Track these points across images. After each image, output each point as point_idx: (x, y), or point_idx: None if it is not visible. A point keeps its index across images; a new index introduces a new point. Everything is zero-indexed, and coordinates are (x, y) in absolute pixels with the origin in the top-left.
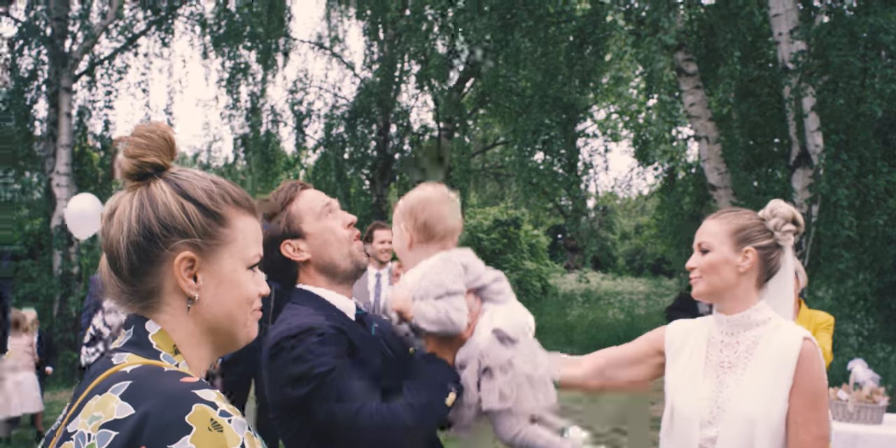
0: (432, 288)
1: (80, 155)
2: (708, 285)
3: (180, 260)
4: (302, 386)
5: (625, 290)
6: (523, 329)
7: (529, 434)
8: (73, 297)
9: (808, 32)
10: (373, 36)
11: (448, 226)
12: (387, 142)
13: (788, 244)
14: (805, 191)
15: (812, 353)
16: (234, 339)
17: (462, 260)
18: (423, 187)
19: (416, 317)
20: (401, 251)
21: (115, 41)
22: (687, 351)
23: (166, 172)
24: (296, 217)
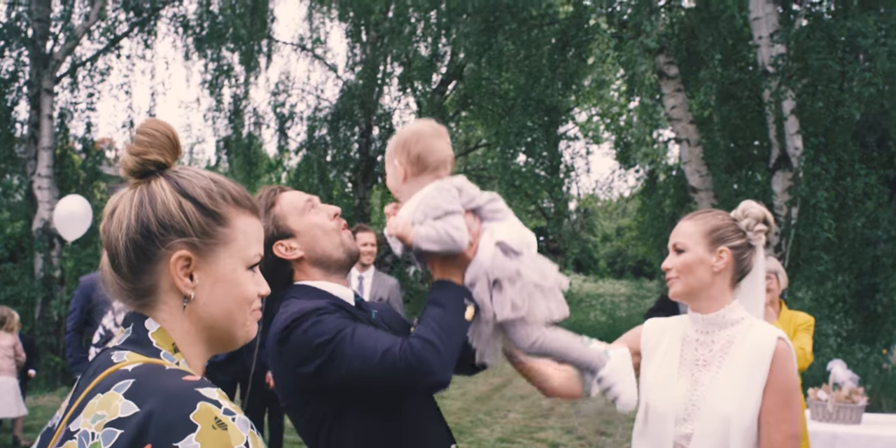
0: (429, 211)
1: (61, 157)
2: (684, 285)
3: (176, 258)
4: (316, 357)
5: (606, 292)
6: (526, 242)
7: (547, 339)
8: (55, 301)
9: (787, 36)
10: (355, 38)
11: (440, 156)
12: (369, 144)
13: (760, 244)
14: (785, 193)
15: (785, 352)
16: (232, 339)
17: (455, 183)
18: (415, 122)
19: (415, 240)
20: (396, 187)
21: (98, 43)
22: (662, 349)
23: (168, 170)
24: (281, 217)
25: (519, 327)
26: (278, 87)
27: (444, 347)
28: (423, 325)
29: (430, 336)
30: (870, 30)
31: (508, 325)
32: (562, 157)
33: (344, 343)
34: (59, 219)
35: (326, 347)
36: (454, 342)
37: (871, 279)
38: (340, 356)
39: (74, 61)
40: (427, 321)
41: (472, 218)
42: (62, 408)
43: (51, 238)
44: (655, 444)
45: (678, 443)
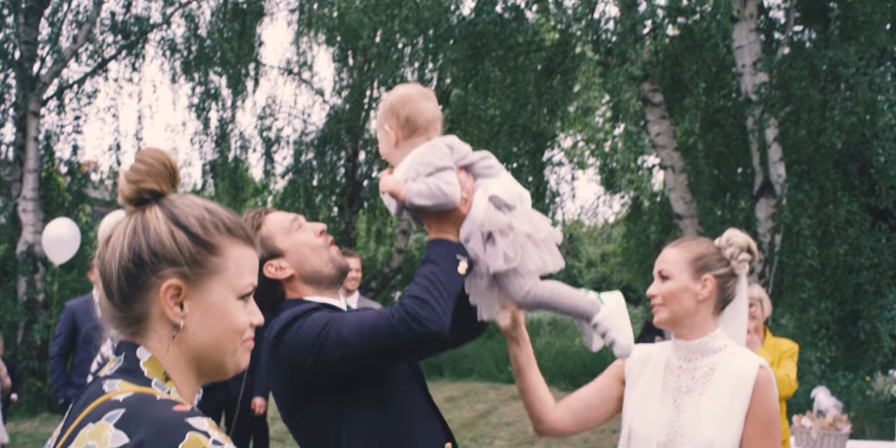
0: (421, 168)
1: (46, 180)
2: (669, 313)
3: (166, 287)
4: (311, 349)
5: None
6: (519, 196)
7: (539, 289)
8: (38, 325)
9: (770, 65)
10: (342, 62)
11: (429, 117)
12: (356, 168)
13: (743, 273)
14: (768, 220)
15: (766, 380)
16: (222, 368)
17: (447, 141)
18: (400, 86)
19: (408, 195)
20: (388, 152)
21: (85, 65)
22: (646, 376)
23: (164, 199)
24: (268, 238)
25: (512, 279)
26: (265, 111)
27: (435, 301)
28: (414, 284)
29: (419, 293)
30: (851, 60)
31: (502, 277)
32: (547, 183)
33: (335, 327)
34: (47, 242)
35: (319, 337)
36: (446, 295)
37: (854, 306)
38: (335, 339)
39: (61, 84)
40: (418, 279)
41: (465, 175)
42: (53, 437)
43: (35, 261)
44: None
45: None
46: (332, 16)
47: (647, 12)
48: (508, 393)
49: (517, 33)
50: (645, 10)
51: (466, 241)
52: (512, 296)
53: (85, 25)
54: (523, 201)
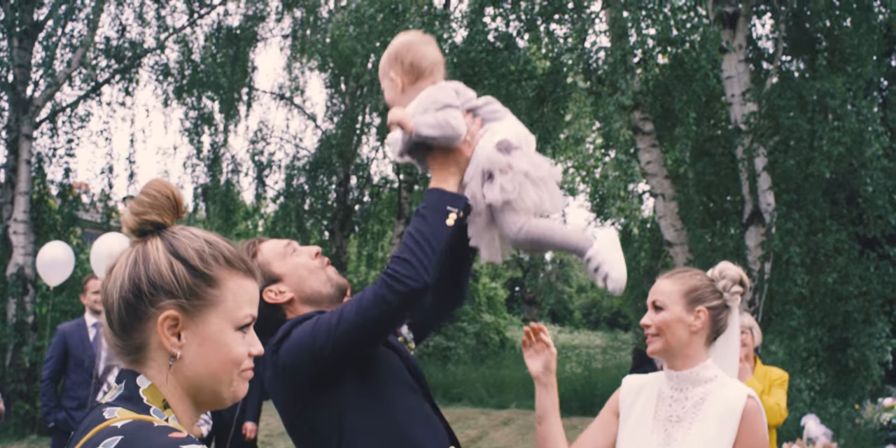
0: (429, 104)
1: (38, 202)
2: (663, 343)
3: (164, 318)
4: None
5: (581, 343)
6: (525, 138)
7: (533, 226)
8: (27, 347)
9: (759, 95)
10: (335, 88)
11: (433, 60)
12: (347, 193)
13: (735, 305)
14: (758, 248)
15: (755, 410)
16: (218, 398)
17: (452, 86)
18: (400, 34)
19: (415, 126)
20: (394, 99)
21: (79, 89)
22: (639, 405)
23: (166, 231)
24: (265, 264)
25: (507, 214)
26: (257, 136)
27: (415, 257)
28: (401, 244)
29: (400, 252)
30: (838, 91)
31: (498, 212)
32: None
33: (325, 317)
34: (41, 264)
35: (312, 329)
36: (428, 250)
37: (843, 334)
38: (327, 325)
39: (55, 107)
40: (405, 238)
41: (471, 118)
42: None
43: (25, 283)
44: None
45: None
46: (324, 42)
47: (638, 43)
48: (499, 418)
49: (509, 62)
50: (635, 41)
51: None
52: (506, 232)
53: (79, 49)
54: (528, 143)
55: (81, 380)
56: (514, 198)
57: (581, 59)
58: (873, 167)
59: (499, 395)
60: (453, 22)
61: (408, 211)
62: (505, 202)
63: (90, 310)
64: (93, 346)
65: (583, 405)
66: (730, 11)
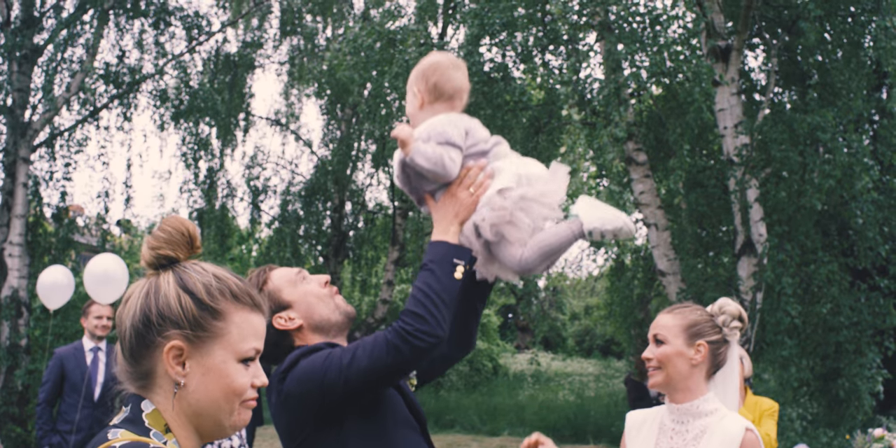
0: (435, 134)
1: (34, 225)
2: (664, 376)
3: (169, 348)
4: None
5: (574, 371)
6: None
7: (529, 252)
8: (20, 370)
9: (751, 127)
10: (331, 115)
11: (456, 86)
12: (342, 219)
13: (734, 339)
14: (750, 278)
15: (753, 443)
16: (220, 427)
17: (466, 124)
18: (434, 54)
19: (414, 150)
20: (412, 113)
21: (77, 114)
22: (641, 437)
23: (179, 264)
24: (275, 292)
25: (503, 248)
26: (253, 161)
27: (430, 314)
28: (411, 297)
29: (414, 307)
30: (828, 124)
31: (494, 247)
32: None
33: (336, 355)
34: (42, 288)
35: (323, 365)
36: (441, 305)
37: (835, 364)
38: (338, 363)
39: (52, 131)
40: (414, 291)
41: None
42: None
43: (19, 306)
44: None
45: None
46: (321, 69)
47: (632, 75)
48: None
49: (505, 92)
50: (630, 73)
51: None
52: (509, 267)
53: (78, 74)
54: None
55: (77, 404)
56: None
57: (576, 91)
58: (864, 200)
59: (491, 422)
60: (449, 52)
61: (402, 237)
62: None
63: (90, 334)
64: (91, 370)
65: (575, 433)
66: (722, 45)
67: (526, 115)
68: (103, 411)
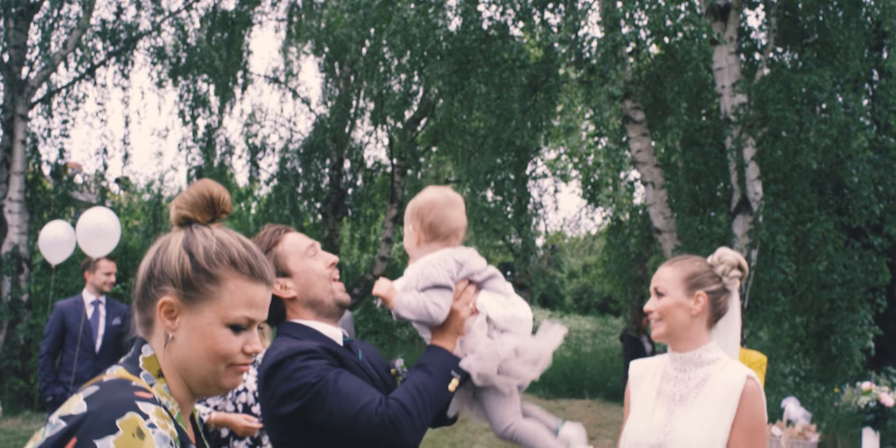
0: (420, 280)
1: (33, 182)
2: (666, 327)
3: (162, 302)
4: (295, 400)
5: (572, 327)
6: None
7: (520, 428)
8: (22, 324)
9: (748, 86)
10: (329, 73)
11: (451, 226)
12: (340, 177)
13: (734, 288)
14: (745, 236)
15: (753, 391)
16: (206, 385)
17: (459, 257)
18: (431, 189)
19: (397, 305)
20: (409, 249)
21: (74, 71)
22: (645, 384)
23: (195, 226)
24: (282, 257)
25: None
26: (251, 119)
27: (419, 415)
28: (405, 389)
29: (407, 401)
30: (825, 84)
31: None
32: (530, 196)
33: (326, 389)
34: (44, 243)
35: (308, 391)
36: (430, 410)
37: (828, 321)
38: (321, 402)
39: (50, 88)
40: (409, 385)
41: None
42: None
43: (20, 262)
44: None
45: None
46: (319, 27)
47: (630, 34)
48: None
49: (503, 50)
50: (628, 32)
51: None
52: (493, 425)
53: (75, 31)
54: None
55: (78, 355)
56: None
57: (573, 49)
58: (859, 159)
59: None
60: (448, 10)
61: (400, 195)
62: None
63: (95, 289)
64: (91, 323)
65: (571, 388)
66: (721, 3)
67: (524, 74)
68: (104, 362)
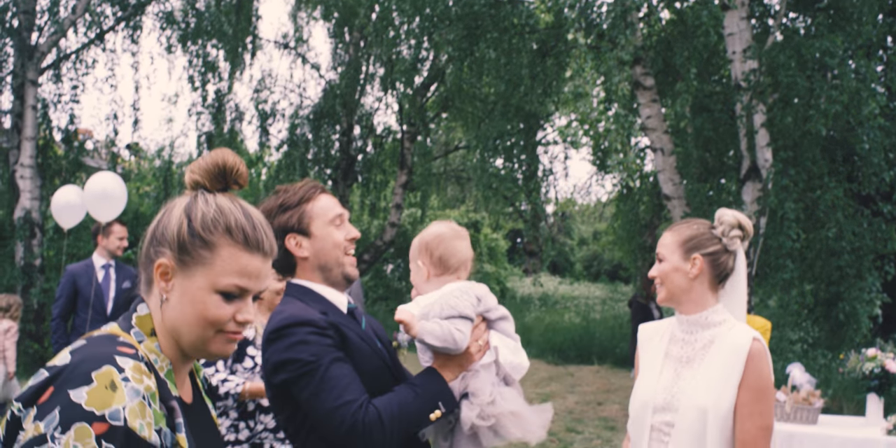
0: (445, 309)
1: (44, 148)
2: (666, 292)
3: (158, 264)
4: (285, 372)
5: (581, 294)
6: (519, 367)
7: None
8: (35, 289)
9: (759, 52)
10: (339, 38)
11: (460, 258)
12: (350, 143)
13: (737, 248)
14: (754, 203)
15: (759, 352)
16: (196, 349)
17: (478, 292)
18: (436, 224)
19: (420, 331)
20: (419, 284)
21: (83, 36)
22: (652, 347)
23: (201, 191)
24: (308, 215)
25: None
26: (261, 84)
27: (391, 431)
28: (389, 402)
29: (385, 415)
30: (837, 50)
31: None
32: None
33: (317, 372)
34: (56, 208)
35: (300, 368)
36: (403, 430)
37: (836, 288)
38: (307, 382)
39: (59, 53)
40: (394, 400)
41: (483, 327)
42: None
43: (32, 227)
44: (638, 429)
45: (657, 428)
46: None
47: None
48: None
49: (512, 15)
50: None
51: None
52: None
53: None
54: (520, 373)
55: (90, 318)
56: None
57: (583, 14)
58: (870, 125)
59: None
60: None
61: (410, 161)
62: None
63: (107, 252)
64: (102, 286)
65: (580, 354)
66: None
67: (533, 39)
68: None
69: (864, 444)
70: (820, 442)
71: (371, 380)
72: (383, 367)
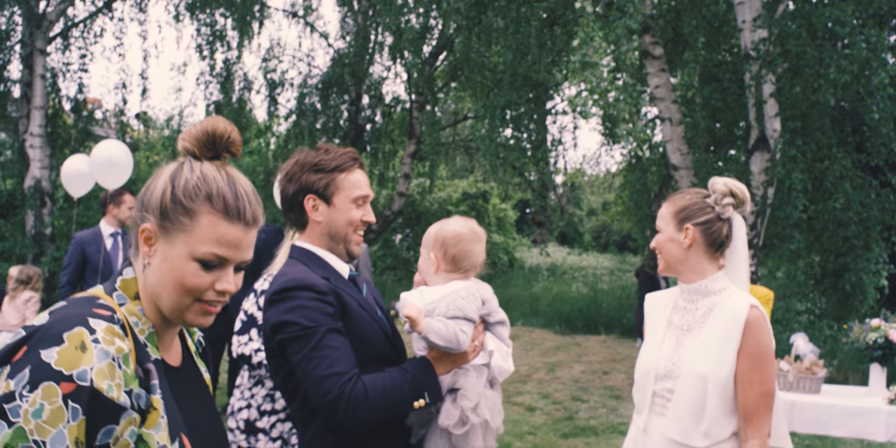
0: (452, 309)
1: (53, 117)
2: (663, 262)
3: (142, 229)
4: (282, 333)
5: (589, 265)
6: (507, 374)
7: None
8: (46, 257)
9: (769, 21)
10: (347, 7)
11: (473, 262)
12: (359, 112)
13: (732, 215)
14: (762, 174)
15: (757, 319)
16: (176, 317)
17: (483, 294)
18: (458, 222)
19: (426, 329)
20: (425, 271)
21: (91, 4)
22: (657, 315)
23: (189, 159)
24: (335, 186)
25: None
26: (269, 54)
27: (374, 410)
28: (380, 382)
29: (372, 393)
30: (847, 19)
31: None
32: (548, 132)
33: (312, 338)
34: (66, 177)
35: (297, 332)
36: (385, 411)
37: (845, 260)
38: (301, 346)
39: (67, 22)
40: (386, 380)
41: (480, 329)
42: None
43: (42, 196)
44: (641, 395)
45: (659, 394)
46: None
47: None
48: None
49: None
50: None
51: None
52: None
53: None
54: (504, 375)
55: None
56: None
57: None
58: (880, 96)
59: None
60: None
61: (419, 130)
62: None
63: (117, 222)
64: (111, 254)
65: (587, 324)
66: None
67: (541, 7)
68: None
69: (865, 413)
70: (821, 410)
71: (369, 346)
72: (382, 335)
